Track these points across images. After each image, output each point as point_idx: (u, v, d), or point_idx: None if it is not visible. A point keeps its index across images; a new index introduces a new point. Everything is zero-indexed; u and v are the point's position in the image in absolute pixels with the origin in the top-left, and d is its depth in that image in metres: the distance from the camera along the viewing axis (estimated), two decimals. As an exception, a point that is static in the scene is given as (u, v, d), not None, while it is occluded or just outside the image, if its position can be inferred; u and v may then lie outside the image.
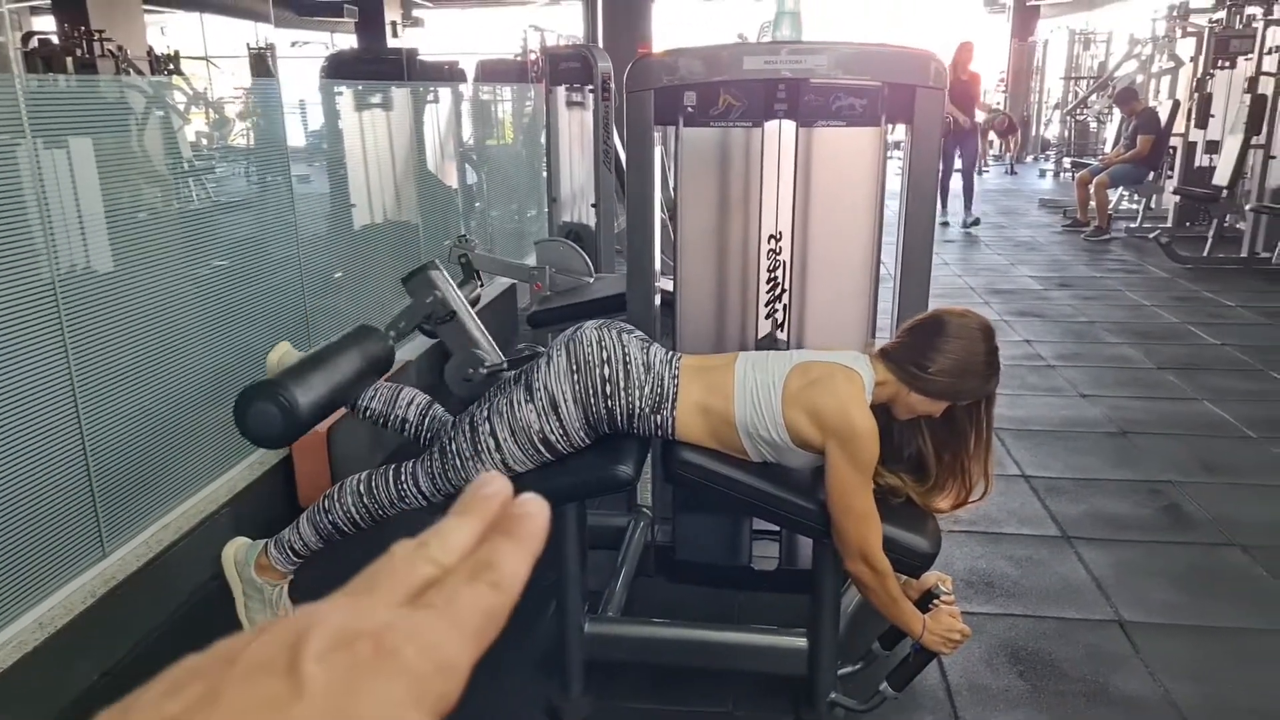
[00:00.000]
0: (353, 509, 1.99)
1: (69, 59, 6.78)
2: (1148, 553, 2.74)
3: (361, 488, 2.00)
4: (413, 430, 2.20)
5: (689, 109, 2.18)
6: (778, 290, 2.23)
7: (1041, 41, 15.93)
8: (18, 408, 2.04)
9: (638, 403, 1.86)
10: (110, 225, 2.42)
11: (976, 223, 8.44)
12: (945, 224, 8.48)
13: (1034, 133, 15.82)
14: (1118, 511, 3.00)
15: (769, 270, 2.24)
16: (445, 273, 2.65)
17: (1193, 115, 8.08)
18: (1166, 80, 10.56)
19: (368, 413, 2.22)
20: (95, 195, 2.36)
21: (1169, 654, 2.26)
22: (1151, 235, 7.32)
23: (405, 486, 1.97)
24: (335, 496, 2.00)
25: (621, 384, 1.85)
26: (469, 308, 2.66)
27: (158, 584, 2.41)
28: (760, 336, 2.27)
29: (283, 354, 2.23)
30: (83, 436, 2.22)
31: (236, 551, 2.07)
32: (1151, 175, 8.35)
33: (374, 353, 2.24)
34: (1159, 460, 3.38)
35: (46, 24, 9.04)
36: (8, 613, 2.02)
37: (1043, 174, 13.35)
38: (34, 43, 7.19)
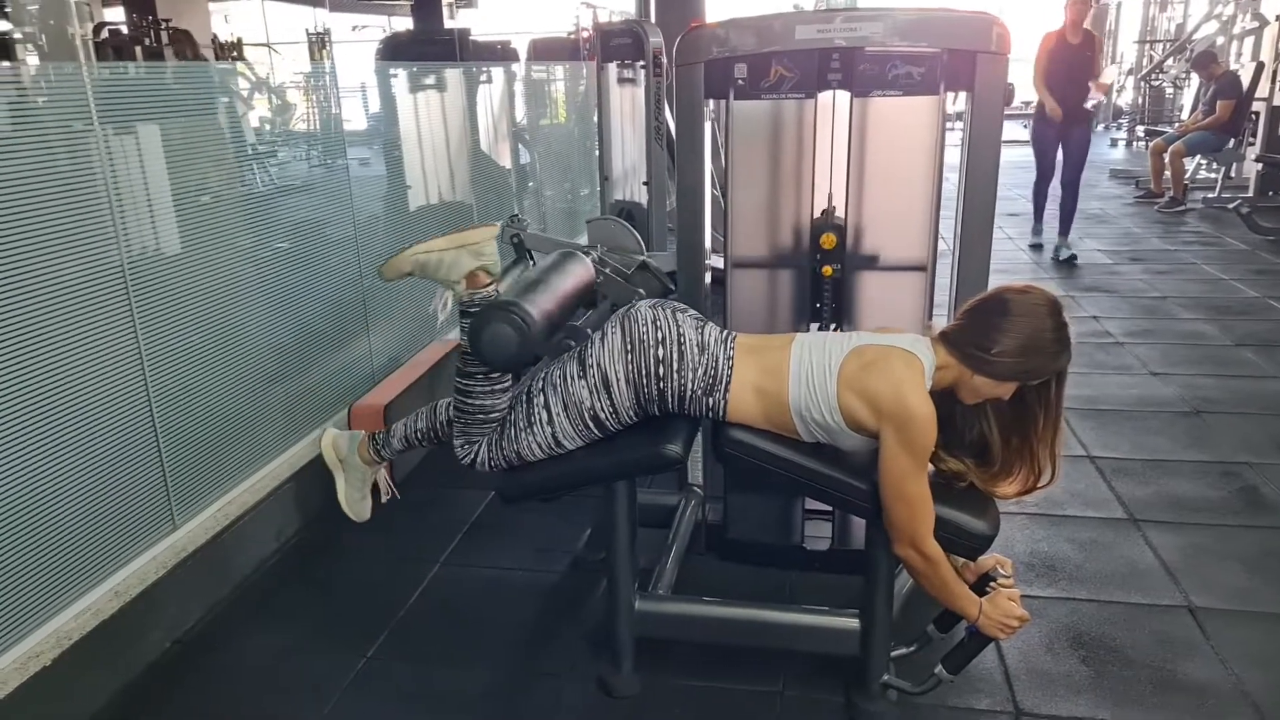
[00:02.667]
0: (439, 423, 2.17)
1: (138, 48, 6.98)
2: (1220, 536, 2.64)
3: (441, 417, 2.17)
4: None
5: (740, 81, 2.14)
6: (831, 267, 2.19)
7: (1115, 3, 15.30)
8: (92, 387, 2.12)
9: (690, 384, 1.84)
10: (177, 209, 2.48)
11: (1073, 259, 6.03)
12: (1038, 246, 6.44)
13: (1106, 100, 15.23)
14: (1188, 493, 2.89)
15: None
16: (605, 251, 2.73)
17: (1278, 78, 7.69)
18: (1249, 41, 10.06)
19: (420, 435, 2.27)
20: (163, 180, 2.43)
21: (1241, 641, 2.18)
22: (1231, 206, 7.01)
23: (471, 446, 1.98)
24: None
25: (675, 365, 1.84)
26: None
27: (225, 556, 2.49)
28: (812, 314, 2.24)
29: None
30: (153, 414, 2.29)
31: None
32: (1232, 142, 7.98)
33: (585, 271, 2.20)
34: (1234, 441, 3.25)
35: (116, 14, 9.31)
36: (86, 582, 2.11)
37: (1114, 143, 12.87)
38: (105, 33, 7.41)
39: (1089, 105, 6.02)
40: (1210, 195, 7.99)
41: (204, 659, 2.23)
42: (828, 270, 2.23)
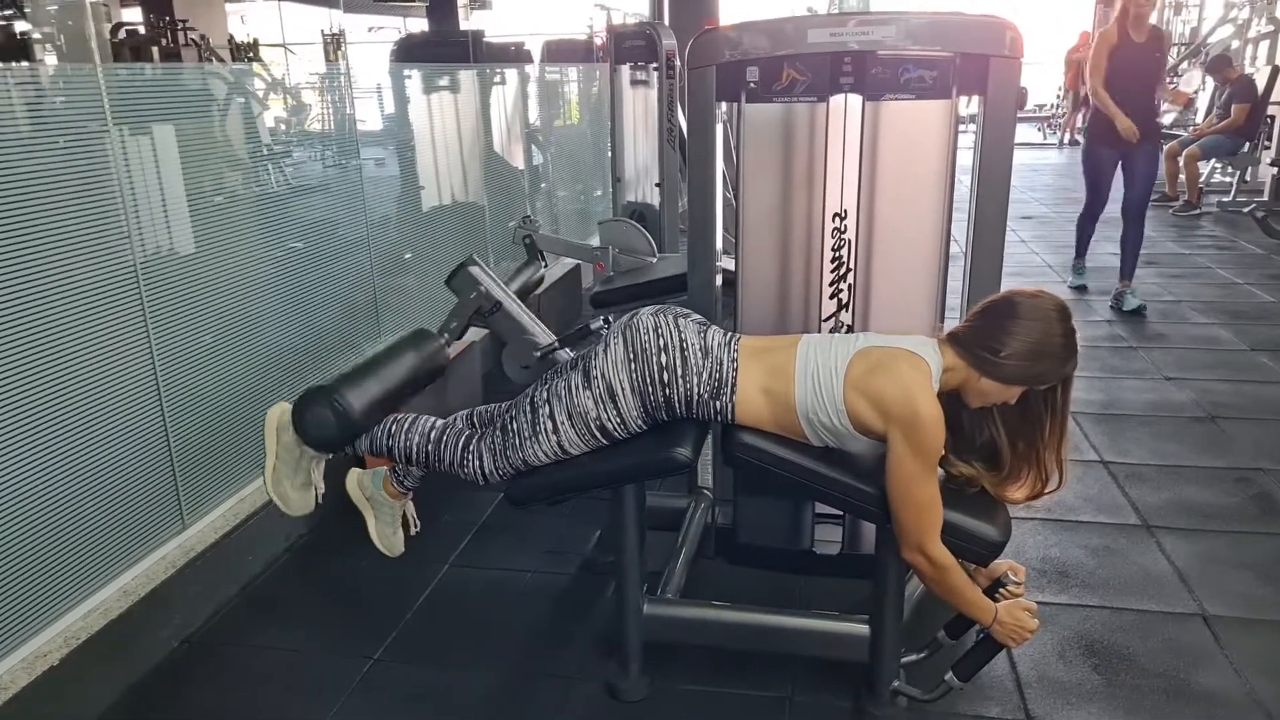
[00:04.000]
0: (415, 448, 2.11)
1: (154, 48, 7.02)
2: (1234, 543, 2.61)
3: (432, 435, 2.10)
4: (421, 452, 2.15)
5: (751, 84, 2.14)
6: (843, 270, 2.18)
7: (1131, 6, 15.18)
8: (104, 385, 2.13)
9: (696, 389, 1.84)
10: (190, 209, 2.50)
11: (1139, 310, 4.81)
12: (1080, 288, 5.26)
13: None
14: (1203, 500, 2.86)
15: (834, 249, 2.19)
16: (484, 266, 2.69)
17: (1294, 82, 7.62)
18: (1265, 45, 9.98)
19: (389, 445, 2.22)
20: (176, 180, 2.44)
21: (1255, 650, 2.15)
22: (1246, 210, 6.95)
23: (469, 457, 1.99)
24: (405, 427, 2.13)
25: (679, 371, 1.84)
26: (513, 296, 2.69)
27: (234, 556, 2.50)
28: (824, 317, 2.23)
29: None
30: (163, 413, 2.30)
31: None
32: (1247, 146, 7.91)
33: (428, 355, 2.33)
34: (1249, 447, 3.22)
35: (134, 15, 9.37)
36: (95, 581, 2.12)
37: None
38: (122, 34, 7.46)
39: (1165, 120, 4.90)
40: (1225, 199, 7.93)
41: (212, 659, 2.24)
42: (839, 270, 2.21)
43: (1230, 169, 8.26)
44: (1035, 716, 1.97)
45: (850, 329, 2.26)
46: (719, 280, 2.41)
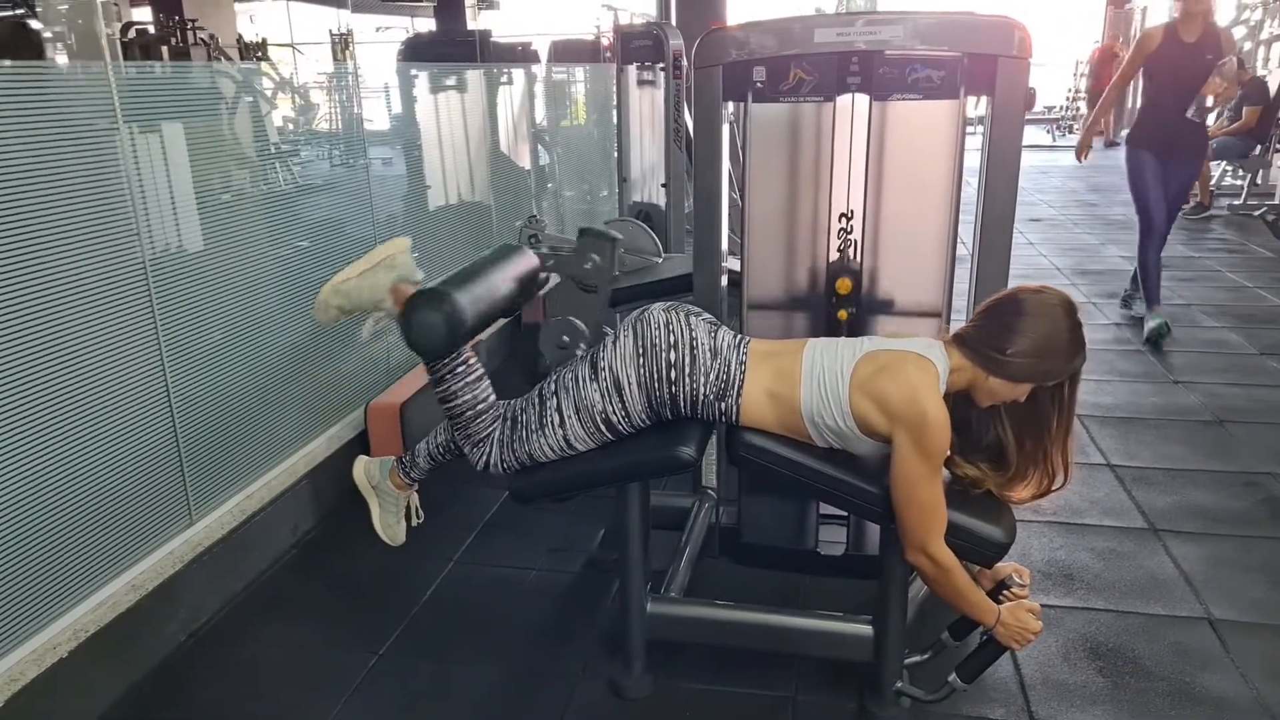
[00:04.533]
0: (463, 400, 2.03)
1: (164, 47, 7.05)
2: (1242, 548, 2.60)
3: (480, 405, 2.05)
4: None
5: (758, 84, 2.14)
6: (849, 266, 2.18)
7: (1140, 8, 15.15)
8: (112, 381, 2.14)
9: (702, 388, 1.84)
10: (199, 207, 2.51)
11: (1161, 334, 4.36)
12: (1157, 339, 4.36)
13: (1130, 105, 15.09)
14: (1210, 504, 2.85)
15: (839, 249, 2.19)
16: (622, 252, 2.65)
17: (1306, 84, 7.57)
18: (1277, 47, 9.93)
19: (442, 450, 2.21)
20: (185, 178, 2.45)
21: (1262, 654, 2.15)
22: (1257, 213, 6.92)
23: (484, 443, 1.99)
24: (476, 374, 2.06)
25: (687, 369, 1.84)
26: (607, 291, 2.68)
27: (241, 551, 2.51)
28: (829, 318, 2.23)
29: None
30: (172, 409, 2.32)
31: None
32: (1258, 149, 7.88)
33: (529, 268, 2.21)
34: (1257, 451, 3.20)
35: (143, 14, 9.41)
36: (103, 575, 2.13)
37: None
38: (132, 33, 7.49)
39: (1190, 112, 4.30)
40: (1236, 202, 7.89)
41: (219, 653, 2.25)
42: (843, 315, 2.22)
43: (1241, 172, 8.22)
44: (1039, 718, 1.96)
45: (855, 330, 2.26)
46: (724, 280, 2.41)
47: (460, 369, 1.95)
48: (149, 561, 2.25)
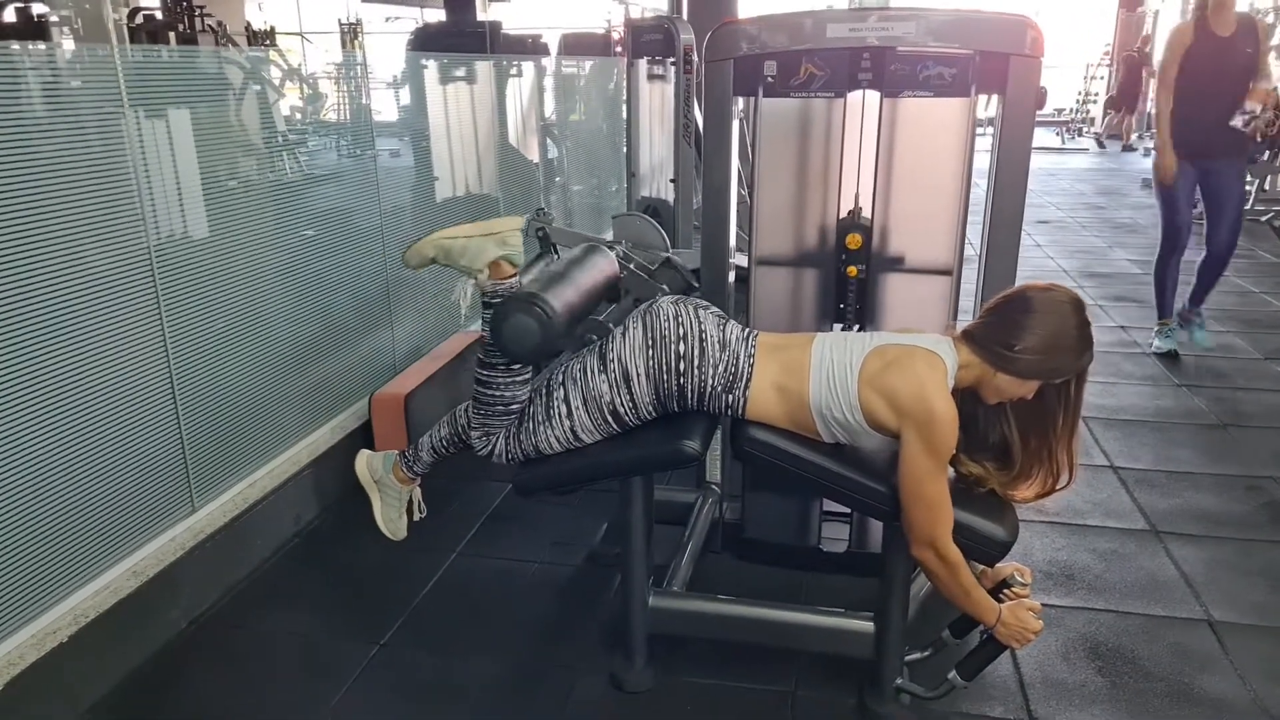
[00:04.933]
0: (459, 429, 2.09)
1: (171, 34, 7.03)
2: (1243, 551, 2.60)
3: (461, 421, 2.10)
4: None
5: (769, 79, 2.13)
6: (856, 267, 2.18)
7: (1152, 11, 15.10)
8: (116, 368, 2.14)
9: (710, 380, 1.84)
10: (205, 194, 2.51)
11: (1192, 328, 4.21)
12: (1171, 354, 4.19)
13: (1139, 109, 15.05)
14: (1212, 507, 2.85)
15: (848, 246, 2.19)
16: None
17: (1316, 90, 7.53)
18: (1287, 52, 9.89)
19: (446, 444, 2.19)
20: (191, 165, 2.45)
21: (1261, 656, 2.15)
22: (1264, 219, 6.90)
23: (489, 436, 1.99)
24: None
25: (696, 361, 1.84)
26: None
27: (243, 539, 2.52)
28: (837, 314, 2.22)
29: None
30: (175, 396, 2.32)
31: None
32: (1266, 154, 7.84)
33: (610, 267, 2.21)
34: (1260, 455, 3.20)
35: (151, 0, 9.39)
36: (105, 560, 2.13)
37: (1147, 152, 12.70)
38: (139, 18, 7.48)
39: (1238, 123, 3.85)
40: (1244, 208, 7.86)
41: (220, 641, 2.25)
42: (852, 270, 2.21)
43: (1250, 177, 8.18)
44: (1038, 717, 1.96)
45: (862, 327, 2.25)
46: (732, 276, 2.41)
47: (516, 365, 1.93)
48: (151, 548, 2.25)
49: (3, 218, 1.84)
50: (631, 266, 2.74)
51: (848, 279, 2.23)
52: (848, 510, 2.30)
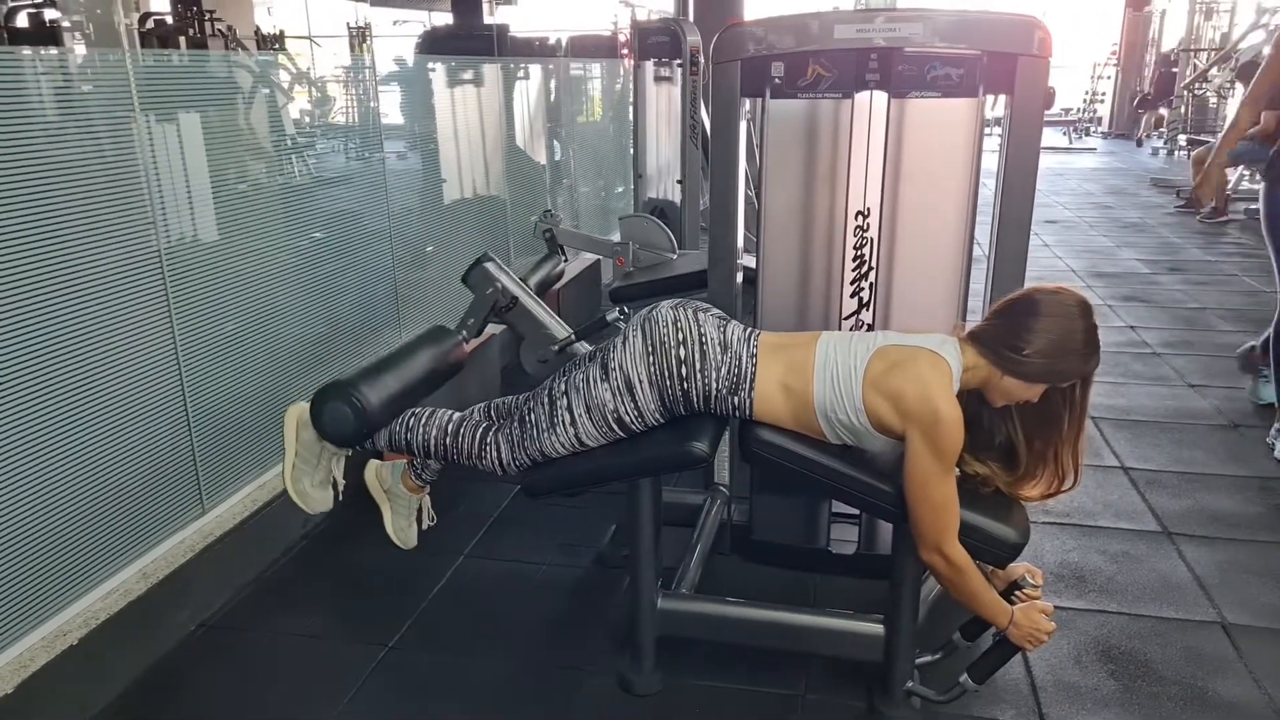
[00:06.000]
0: (433, 441, 2.10)
1: (182, 38, 7.07)
2: (1256, 552, 2.58)
3: (449, 428, 2.09)
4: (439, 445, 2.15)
5: (776, 80, 2.13)
6: (864, 269, 2.17)
7: (1159, 11, 15.04)
8: (126, 370, 2.15)
9: (714, 383, 1.83)
10: (215, 197, 2.51)
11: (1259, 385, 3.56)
12: (1249, 379, 3.64)
13: (1172, 111, 15.01)
14: (1225, 508, 2.83)
15: (855, 248, 2.18)
16: (498, 262, 2.68)
17: (1326, 89, 7.49)
18: (1298, 51, 9.83)
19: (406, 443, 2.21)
20: (201, 168, 2.46)
21: (1275, 659, 2.13)
22: (1274, 217, 6.83)
23: (487, 448, 2.00)
24: (423, 420, 2.12)
25: (698, 365, 1.83)
26: (529, 291, 2.70)
27: (252, 541, 2.52)
28: (845, 315, 2.21)
29: None
30: (185, 398, 2.33)
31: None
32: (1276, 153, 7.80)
33: (446, 351, 2.33)
34: (1273, 456, 3.18)
35: (161, 4, 9.45)
36: (115, 563, 2.14)
37: (1155, 152, 12.66)
38: (150, 23, 7.52)
39: None
40: (1253, 207, 7.81)
41: (229, 643, 2.26)
42: (861, 269, 2.20)
43: (1258, 176, 8.14)
44: (1050, 721, 1.95)
45: (870, 328, 2.25)
46: (739, 278, 2.41)
47: (411, 423, 2.08)
48: (160, 550, 2.26)
49: (15, 221, 1.85)
50: (460, 320, 2.73)
51: (855, 279, 2.22)
52: (857, 512, 2.29)
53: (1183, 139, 11.68)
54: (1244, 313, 4.92)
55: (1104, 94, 15.27)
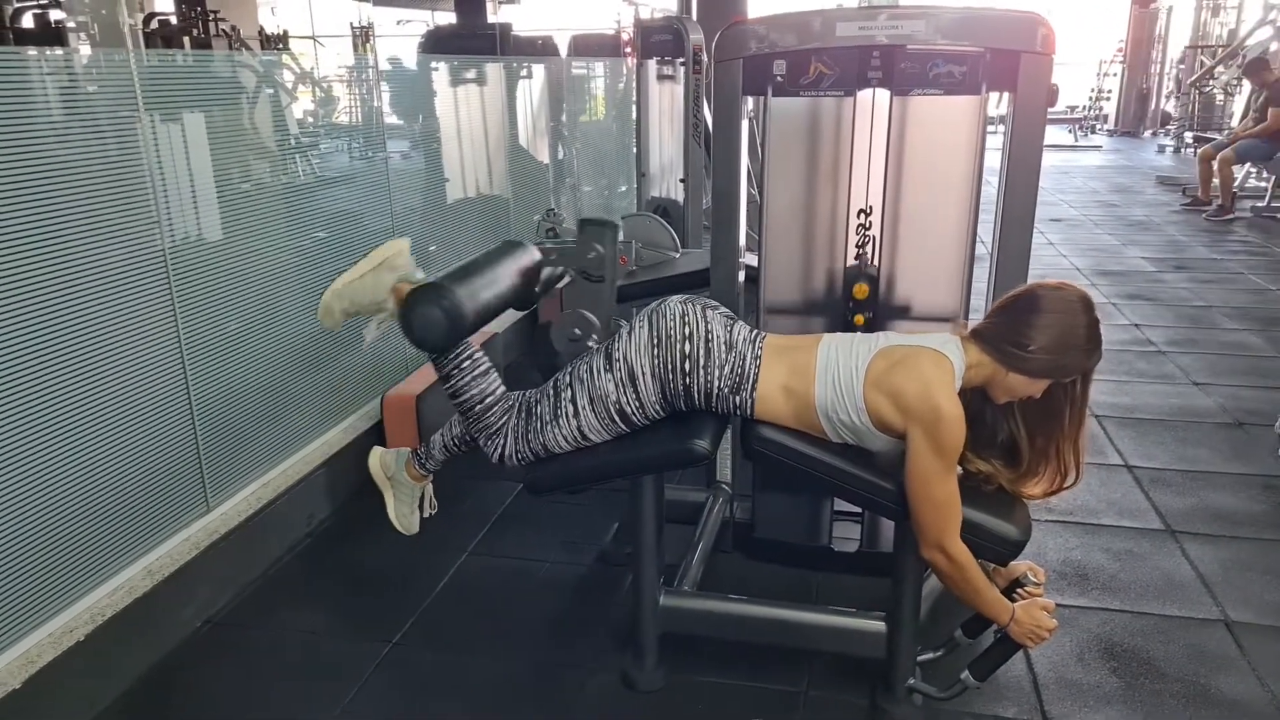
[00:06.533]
0: (473, 395, 2.03)
1: (186, 39, 7.10)
2: (1260, 550, 2.58)
3: (489, 399, 2.04)
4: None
5: (778, 78, 2.13)
6: (866, 267, 2.17)
7: (1165, 8, 15.00)
8: (131, 368, 2.16)
9: (716, 381, 1.84)
10: (219, 197, 2.52)
11: None
12: None
13: (1153, 106, 14.97)
14: (1229, 506, 2.83)
15: (858, 246, 2.18)
16: (639, 247, 2.61)
17: (1333, 86, 7.46)
18: (1304, 48, 9.81)
19: (457, 442, 2.20)
20: (205, 168, 2.47)
21: (1278, 657, 2.12)
22: (1281, 215, 6.83)
23: (497, 436, 1.99)
24: (480, 370, 2.06)
25: (701, 361, 1.84)
26: (615, 280, 2.68)
27: (257, 539, 2.53)
28: (847, 314, 2.22)
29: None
30: (189, 397, 2.34)
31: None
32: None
33: (529, 264, 2.23)
34: (1277, 453, 3.17)
35: (166, 5, 9.47)
36: (120, 560, 2.15)
37: (1161, 149, 12.62)
38: (155, 24, 7.54)
39: None
40: (1259, 204, 7.80)
41: (233, 639, 2.27)
42: (859, 320, 2.21)
43: (1265, 173, 8.12)
44: (1052, 718, 1.95)
45: (873, 326, 2.25)
46: (742, 276, 2.41)
47: (466, 364, 1.96)
48: (166, 547, 2.27)
49: (20, 221, 1.86)
50: (550, 244, 2.68)
51: (858, 278, 2.22)
52: (859, 509, 2.29)
53: (1189, 136, 11.64)
54: (1250, 311, 4.91)
55: (1110, 91, 15.22)
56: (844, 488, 1.86)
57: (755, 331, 1.92)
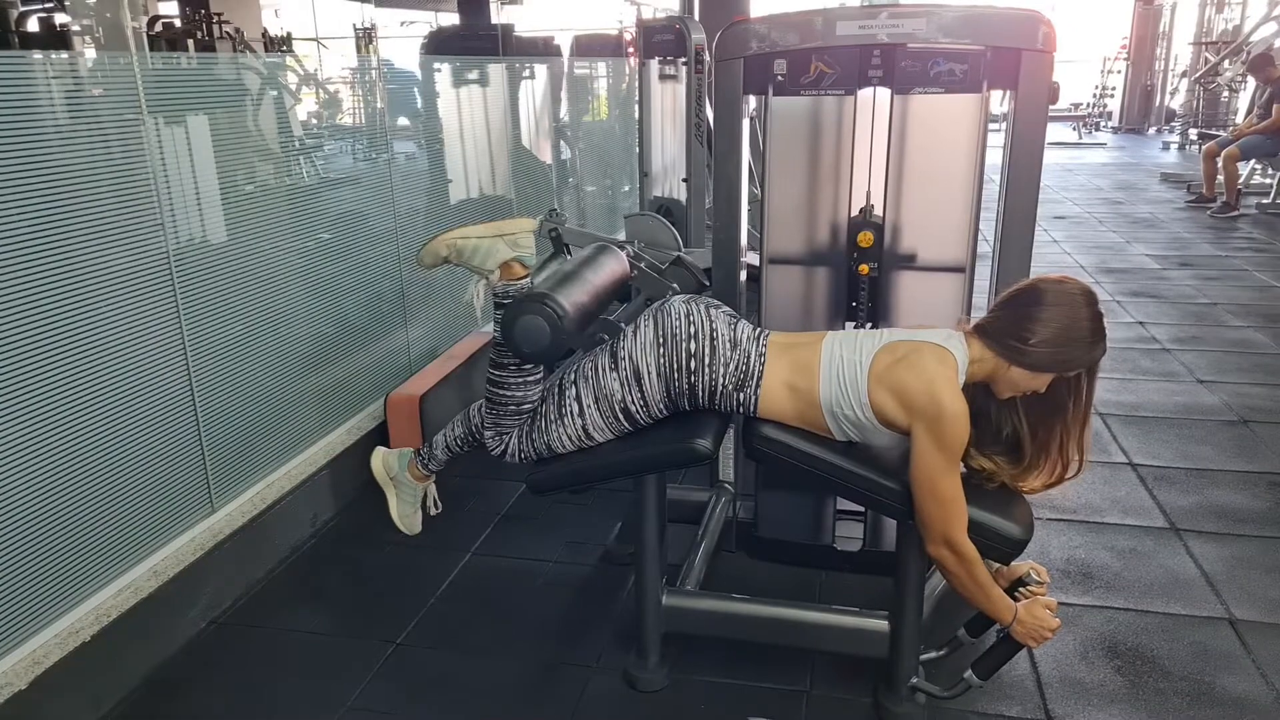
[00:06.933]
0: (469, 434, 2.10)
1: (190, 41, 7.11)
2: (1265, 548, 2.57)
3: (475, 420, 2.10)
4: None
5: (779, 77, 2.13)
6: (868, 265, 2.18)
7: (1169, 4, 14.96)
8: (136, 370, 2.17)
9: (721, 379, 1.84)
10: (222, 199, 2.53)
11: None
12: None
13: (1157, 102, 14.93)
14: (1233, 504, 2.82)
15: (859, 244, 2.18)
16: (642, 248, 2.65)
17: (1338, 82, 7.43)
18: (1309, 44, 9.77)
19: (460, 443, 2.19)
20: (209, 170, 2.48)
21: (1284, 656, 2.13)
22: (1285, 212, 6.81)
23: (504, 435, 2.00)
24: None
25: (706, 360, 1.84)
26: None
27: (261, 540, 2.54)
28: (849, 312, 2.22)
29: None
30: (194, 398, 2.34)
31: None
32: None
33: (620, 266, 2.21)
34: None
35: (170, 8, 9.50)
36: (126, 561, 2.16)
37: (1166, 146, 12.59)
38: (158, 26, 7.56)
39: None
40: (1264, 201, 7.78)
41: (239, 640, 2.27)
42: (864, 269, 2.21)
43: (1270, 170, 8.10)
44: (1056, 717, 1.95)
45: (874, 326, 2.25)
46: (743, 275, 2.41)
47: (527, 365, 1.94)
48: (171, 548, 2.28)
49: (25, 224, 1.87)
50: (642, 265, 2.74)
51: (860, 276, 2.22)
52: (862, 509, 2.29)
53: (1193, 133, 11.60)
54: (1254, 308, 4.90)
55: (1114, 89, 15.19)
56: (846, 486, 1.86)
57: (759, 330, 1.93)
